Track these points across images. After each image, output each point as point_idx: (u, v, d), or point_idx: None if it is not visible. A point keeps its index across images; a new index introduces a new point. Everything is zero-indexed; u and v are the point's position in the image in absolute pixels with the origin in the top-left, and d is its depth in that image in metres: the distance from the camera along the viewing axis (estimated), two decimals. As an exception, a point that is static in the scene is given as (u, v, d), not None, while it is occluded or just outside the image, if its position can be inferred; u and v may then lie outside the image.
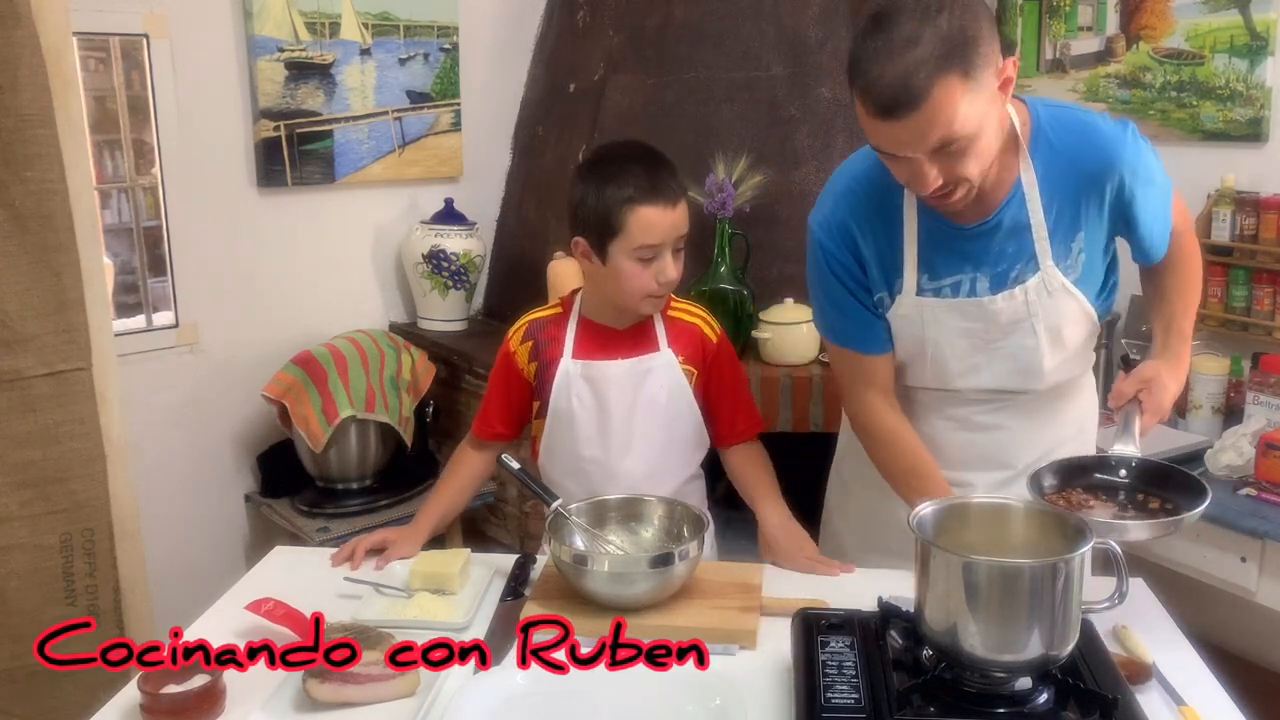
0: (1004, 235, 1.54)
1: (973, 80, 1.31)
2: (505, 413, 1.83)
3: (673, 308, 1.81)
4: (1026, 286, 1.55)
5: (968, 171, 1.39)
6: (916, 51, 1.29)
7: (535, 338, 1.80)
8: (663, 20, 3.03)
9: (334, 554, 1.73)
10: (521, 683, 1.33)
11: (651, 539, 1.62)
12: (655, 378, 1.75)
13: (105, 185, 3.02)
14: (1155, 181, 1.54)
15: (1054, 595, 1.16)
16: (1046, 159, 1.51)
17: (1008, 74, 1.38)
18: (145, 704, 1.27)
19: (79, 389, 2.04)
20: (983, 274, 1.56)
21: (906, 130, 1.34)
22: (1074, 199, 1.52)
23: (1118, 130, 1.52)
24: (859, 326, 1.65)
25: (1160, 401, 1.49)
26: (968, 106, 1.32)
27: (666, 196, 1.65)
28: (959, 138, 1.34)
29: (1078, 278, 1.56)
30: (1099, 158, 1.51)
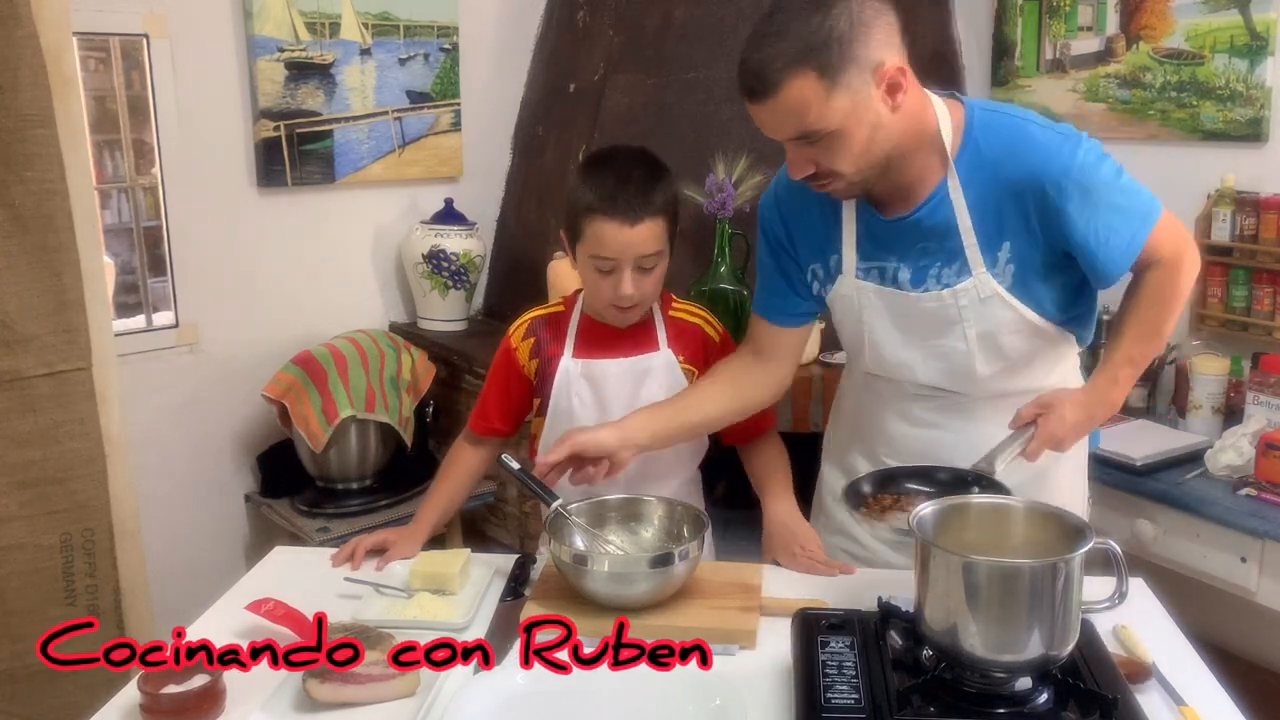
0: (923, 233, 1.55)
1: (831, 80, 1.38)
2: (504, 409, 1.83)
3: (674, 308, 1.81)
4: (956, 290, 1.55)
5: (836, 165, 1.45)
6: (778, 45, 1.38)
7: (537, 335, 1.80)
8: (663, 20, 3.03)
9: (334, 554, 1.73)
10: (521, 683, 1.33)
11: (651, 539, 1.62)
12: (654, 377, 1.75)
13: (105, 185, 3.02)
14: (1099, 200, 1.48)
15: (1054, 595, 1.16)
16: (972, 164, 1.51)
17: (892, 78, 1.41)
18: (145, 704, 1.27)
19: (79, 389, 2.04)
20: (904, 266, 1.58)
21: (764, 115, 1.44)
22: (997, 207, 1.51)
23: (1057, 142, 1.49)
24: (775, 294, 1.72)
25: (1052, 430, 1.48)
26: (825, 105, 1.39)
27: (625, 214, 1.60)
28: (816, 132, 1.41)
29: (1010, 286, 1.54)
30: (1023, 167, 1.48)
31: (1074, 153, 1.47)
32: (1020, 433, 1.50)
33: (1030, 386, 1.63)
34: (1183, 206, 2.71)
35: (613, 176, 1.63)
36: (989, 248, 1.53)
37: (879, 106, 1.42)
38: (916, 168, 1.52)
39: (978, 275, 1.54)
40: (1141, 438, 2.53)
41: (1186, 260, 1.54)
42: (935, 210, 1.53)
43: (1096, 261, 1.51)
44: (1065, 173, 1.46)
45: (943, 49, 3.25)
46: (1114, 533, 2.40)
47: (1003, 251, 1.53)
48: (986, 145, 1.51)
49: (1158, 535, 2.38)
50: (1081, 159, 1.47)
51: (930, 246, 1.56)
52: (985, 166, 1.51)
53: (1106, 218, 1.48)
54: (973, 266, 1.54)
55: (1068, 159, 1.47)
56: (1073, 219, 1.48)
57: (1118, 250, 1.50)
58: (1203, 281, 2.68)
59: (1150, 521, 2.38)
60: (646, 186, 1.63)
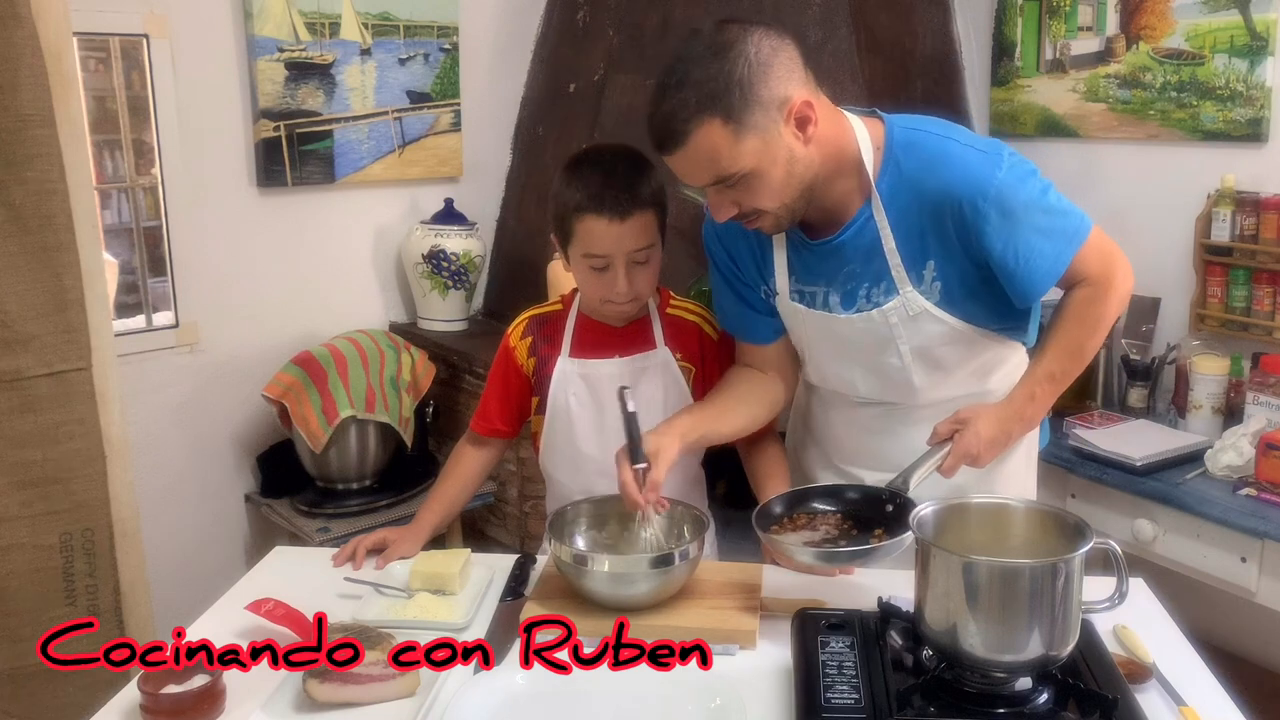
0: (850, 255, 1.55)
1: (737, 124, 1.38)
2: (504, 409, 1.83)
3: (672, 305, 1.81)
4: (885, 309, 1.55)
5: (758, 204, 1.47)
6: (680, 95, 1.39)
7: (534, 334, 1.80)
8: (663, 20, 3.03)
9: (335, 554, 1.73)
10: (521, 683, 1.33)
11: (652, 539, 1.62)
12: (651, 376, 1.75)
13: (105, 185, 3.02)
14: (1019, 220, 1.46)
15: (1054, 595, 1.16)
16: (893, 184, 1.51)
17: (800, 113, 1.42)
18: (145, 704, 1.27)
19: (79, 389, 2.04)
20: (834, 290, 1.59)
21: (678, 165, 1.45)
22: (919, 226, 1.51)
23: (976, 160, 1.47)
24: (735, 316, 1.74)
25: (967, 446, 1.48)
26: (735, 148, 1.40)
27: (614, 209, 1.61)
28: (730, 175, 1.43)
29: (938, 301, 1.54)
30: (941, 185, 1.47)
31: (993, 172, 1.45)
32: (937, 449, 1.50)
33: (972, 390, 1.64)
34: (1183, 206, 2.72)
35: (598, 174, 1.63)
36: (913, 266, 1.53)
37: (790, 141, 1.43)
38: (839, 192, 1.52)
39: (904, 293, 1.54)
40: (1141, 438, 2.53)
41: (1116, 280, 1.53)
42: (860, 233, 1.54)
43: (1016, 281, 1.50)
44: (982, 192, 1.45)
45: (943, 49, 3.25)
46: (1114, 533, 2.40)
47: (928, 270, 1.53)
48: (906, 164, 1.50)
49: (1158, 535, 2.38)
50: (1002, 178, 1.45)
51: (856, 269, 1.56)
52: (906, 186, 1.50)
53: (1027, 238, 1.47)
54: (899, 285, 1.54)
55: (985, 178, 1.45)
56: (990, 239, 1.47)
57: (1039, 271, 1.49)
58: (1203, 281, 2.69)
59: (1150, 521, 2.38)
60: (632, 180, 1.64)
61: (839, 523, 1.51)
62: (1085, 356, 1.59)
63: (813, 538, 1.48)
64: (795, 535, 1.49)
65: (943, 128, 1.54)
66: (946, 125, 1.55)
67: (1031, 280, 1.50)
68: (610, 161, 1.66)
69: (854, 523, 1.50)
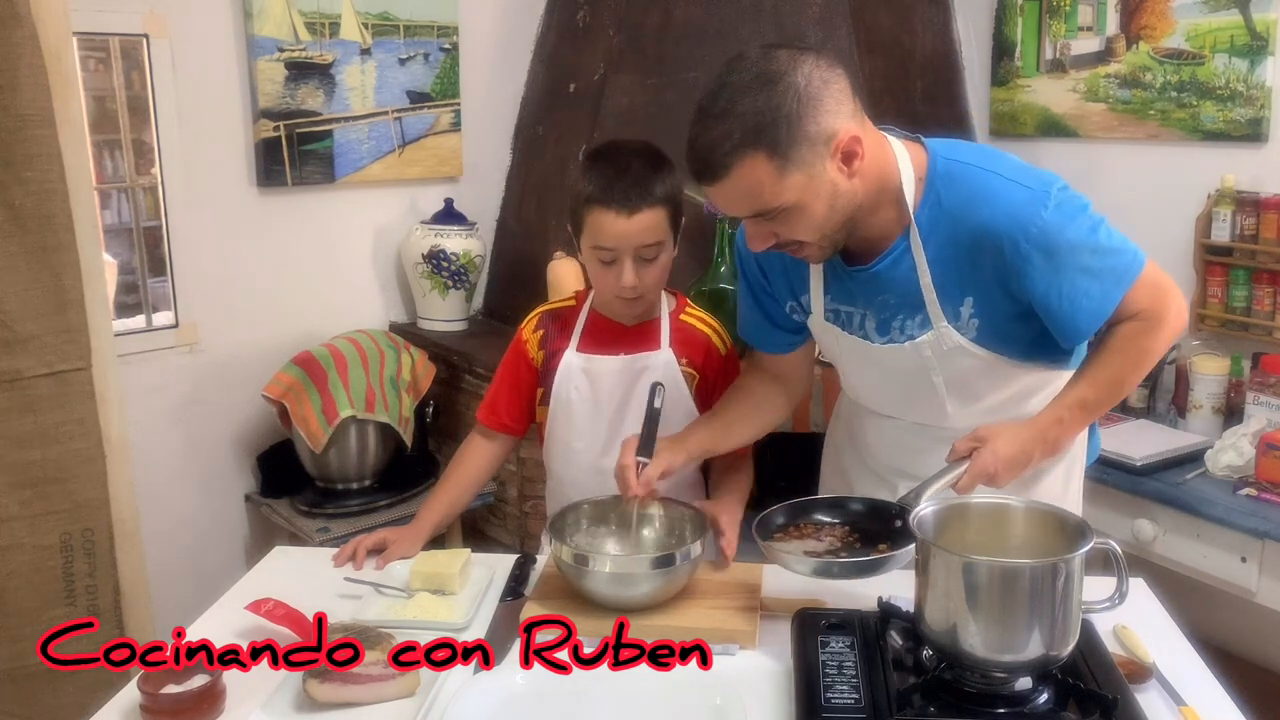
0: (885, 285, 1.51)
1: (783, 159, 1.34)
2: (513, 402, 1.83)
3: (687, 312, 1.82)
4: (918, 343, 1.52)
5: (797, 236, 1.43)
6: (724, 125, 1.34)
7: (547, 328, 1.82)
8: (663, 20, 3.03)
9: (335, 554, 1.73)
10: (521, 683, 1.33)
11: (653, 540, 1.62)
12: (651, 376, 1.75)
13: (105, 185, 3.02)
14: (1065, 262, 1.40)
15: (1054, 595, 1.16)
16: (933, 216, 1.45)
17: (847, 148, 1.37)
18: (145, 704, 1.27)
19: (79, 389, 2.04)
20: (870, 315, 1.56)
21: (717, 196, 1.41)
22: (956, 261, 1.45)
23: (1022, 198, 1.41)
24: (756, 328, 1.74)
25: (984, 465, 1.41)
26: (779, 184, 1.35)
27: (621, 203, 1.61)
28: (771, 209, 1.38)
29: (975, 337, 1.49)
30: (983, 222, 1.42)
31: (1037, 211, 1.39)
32: (953, 465, 1.43)
33: (1010, 415, 1.59)
34: (1183, 206, 2.72)
35: (612, 167, 1.64)
36: (950, 301, 1.48)
37: (835, 176, 1.38)
38: (879, 222, 1.48)
39: (939, 329, 1.50)
40: (1141, 438, 2.53)
41: (1169, 317, 1.47)
42: (896, 264, 1.49)
43: (1060, 322, 1.46)
44: (1025, 232, 1.39)
45: (943, 49, 3.25)
46: (1114, 533, 2.40)
47: (965, 306, 1.48)
48: (947, 197, 1.45)
49: (1158, 535, 2.37)
50: (1047, 218, 1.39)
51: (891, 300, 1.52)
52: (945, 220, 1.45)
53: (1073, 279, 1.41)
54: (934, 321, 1.50)
55: (1029, 217, 1.39)
56: (1034, 280, 1.41)
57: (1085, 312, 1.44)
58: (1203, 281, 2.69)
59: (1150, 521, 2.38)
60: (645, 177, 1.64)
61: (844, 535, 1.48)
62: (1124, 389, 1.53)
63: (816, 548, 1.45)
64: (797, 544, 1.46)
65: (988, 159, 1.47)
66: (993, 156, 1.48)
67: (1076, 322, 1.45)
68: (627, 156, 1.66)
69: (859, 535, 1.48)
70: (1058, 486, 1.67)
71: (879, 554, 1.39)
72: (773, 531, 1.48)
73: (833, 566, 1.40)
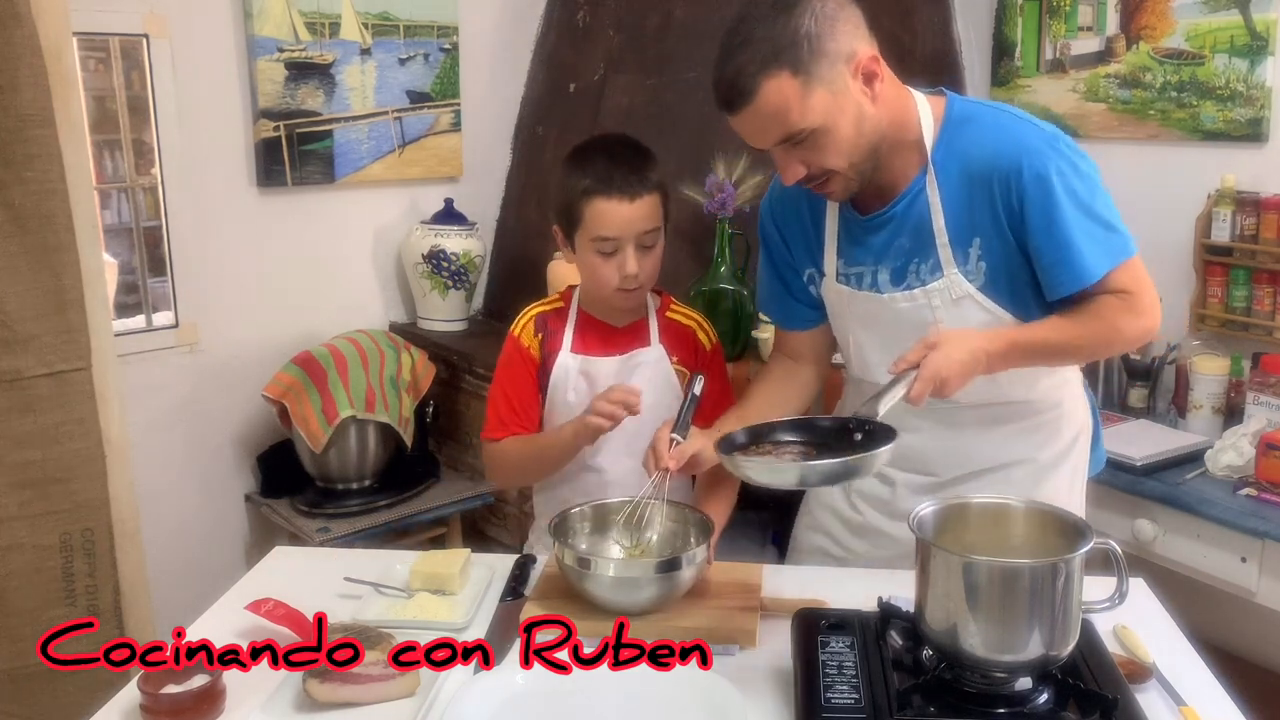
0: (900, 228, 1.54)
1: (806, 76, 1.38)
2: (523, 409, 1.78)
3: (671, 309, 1.83)
4: (929, 289, 1.54)
5: (828, 163, 1.45)
6: (747, 52, 1.39)
7: (543, 330, 1.81)
8: (663, 20, 3.03)
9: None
10: (521, 683, 1.33)
11: (656, 543, 1.62)
12: (643, 373, 1.76)
13: (105, 185, 3.02)
14: (1063, 207, 1.43)
15: (1054, 595, 1.16)
16: (946, 155, 1.50)
17: (867, 68, 1.43)
18: (145, 704, 1.27)
19: (79, 389, 2.04)
20: (883, 267, 1.58)
21: (746, 125, 1.44)
22: (968, 199, 1.49)
23: (1034, 133, 1.46)
24: (776, 300, 1.75)
25: (935, 368, 1.35)
26: (804, 103, 1.39)
27: (624, 190, 1.64)
28: (801, 131, 1.41)
29: (982, 284, 1.51)
30: (990, 152, 1.46)
31: (1044, 151, 1.44)
32: (904, 376, 1.38)
33: (1018, 398, 1.60)
34: (1183, 206, 2.72)
35: (604, 158, 1.66)
36: (960, 243, 1.51)
37: (859, 97, 1.43)
38: (898, 164, 1.52)
39: (949, 275, 1.52)
40: (1141, 438, 2.53)
41: (1148, 313, 1.48)
42: (911, 205, 1.53)
43: (1045, 267, 1.47)
44: (1031, 164, 1.43)
45: (943, 49, 3.24)
46: (1114, 533, 2.40)
47: (974, 248, 1.51)
48: (962, 135, 1.50)
49: (1158, 535, 2.37)
50: (1052, 161, 1.43)
51: (906, 244, 1.55)
52: (957, 156, 1.50)
53: (1066, 232, 1.43)
54: (944, 266, 1.52)
55: (1035, 152, 1.43)
56: (1030, 217, 1.45)
57: (1070, 268, 1.45)
58: (1203, 281, 2.69)
59: (1150, 521, 2.38)
60: (638, 164, 1.67)
61: (807, 454, 1.41)
62: (1079, 354, 1.55)
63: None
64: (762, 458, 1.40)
65: (1007, 107, 1.55)
66: (1013, 107, 1.54)
67: (1059, 273, 1.46)
68: (614, 146, 1.70)
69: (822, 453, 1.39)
70: (1060, 496, 1.66)
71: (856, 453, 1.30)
72: (734, 451, 1.41)
73: (811, 469, 1.33)
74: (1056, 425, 1.67)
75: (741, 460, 1.36)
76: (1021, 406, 1.63)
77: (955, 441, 1.62)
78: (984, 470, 1.64)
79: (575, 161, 1.70)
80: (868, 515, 1.73)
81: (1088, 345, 1.52)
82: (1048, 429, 1.66)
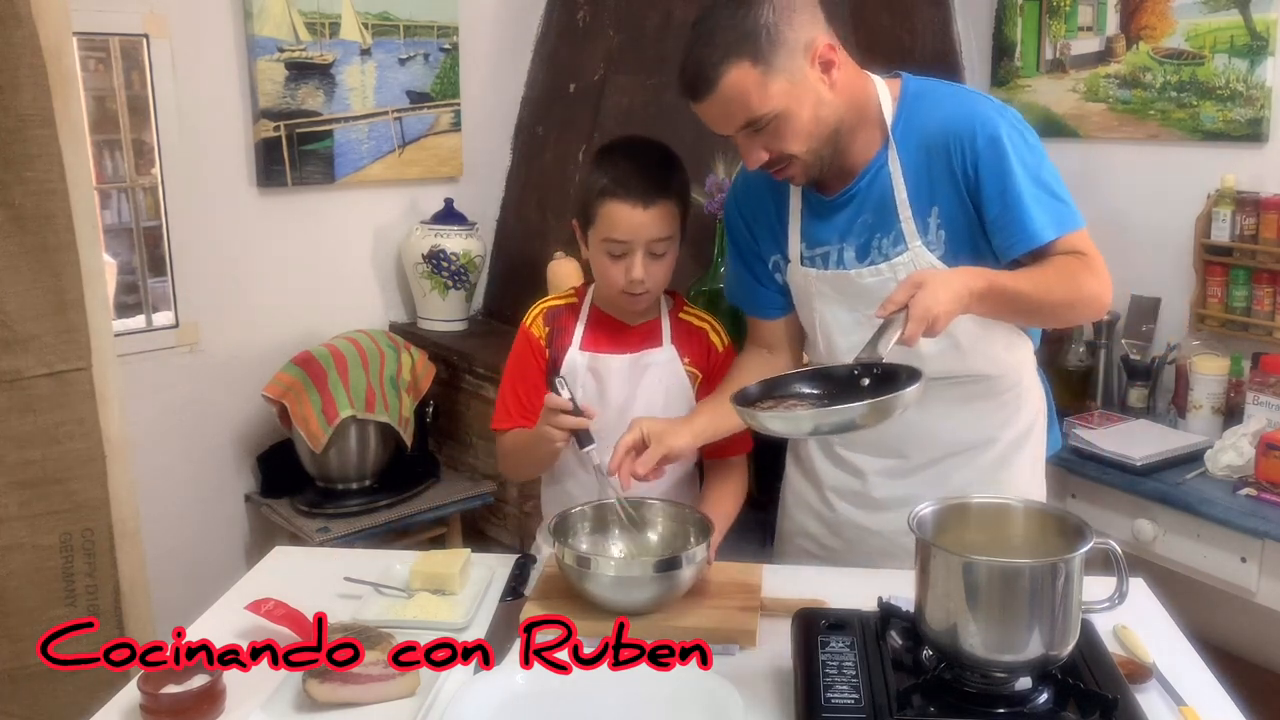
0: (863, 205, 1.59)
1: (766, 65, 1.45)
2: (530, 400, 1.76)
3: (685, 311, 1.83)
4: (894, 264, 1.57)
5: (788, 147, 1.51)
6: (710, 43, 1.46)
7: (552, 325, 1.81)
8: (663, 20, 3.03)
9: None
10: (521, 683, 1.33)
11: (656, 543, 1.62)
12: (654, 373, 1.76)
13: (105, 185, 3.02)
14: (1014, 170, 1.48)
15: (1054, 595, 1.16)
16: (904, 130, 1.56)
17: (824, 56, 1.49)
18: (145, 704, 1.27)
19: (79, 389, 2.04)
20: (848, 244, 1.62)
21: (710, 112, 1.51)
22: (927, 168, 1.54)
23: (985, 103, 1.55)
24: (743, 288, 1.78)
25: (926, 306, 1.33)
26: (764, 90, 1.46)
27: (640, 196, 1.64)
28: (761, 117, 1.48)
29: (943, 254, 1.55)
30: (945, 119, 1.53)
31: (994, 118, 1.51)
32: (893, 318, 1.35)
33: (981, 371, 1.65)
34: (1183, 206, 2.72)
35: (626, 160, 1.67)
36: (920, 212, 1.56)
37: (817, 85, 1.49)
38: (859, 144, 1.57)
39: (912, 248, 1.56)
40: (1141, 438, 2.53)
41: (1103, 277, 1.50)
42: (874, 180, 1.57)
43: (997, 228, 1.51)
44: (984, 129, 1.49)
45: (943, 49, 3.25)
46: (1114, 533, 2.40)
47: (933, 217, 1.56)
48: (918, 110, 1.57)
49: (1158, 535, 2.38)
50: (1001, 128, 1.49)
51: (869, 219, 1.59)
52: (915, 130, 1.56)
53: (1017, 195, 1.49)
54: (907, 238, 1.56)
55: (985, 119, 1.50)
56: (983, 180, 1.50)
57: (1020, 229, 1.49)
58: (1203, 281, 2.69)
59: (1150, 521, 2.38)
60: (660, 170, 1.67)
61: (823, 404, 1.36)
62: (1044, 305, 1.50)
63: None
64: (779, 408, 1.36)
65: (960, 85, 1.64)
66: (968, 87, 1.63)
67: (1011, 234, 1.50)
68: (641, 150, 1.71)
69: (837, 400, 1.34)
70: (1024, 475, 1.72)
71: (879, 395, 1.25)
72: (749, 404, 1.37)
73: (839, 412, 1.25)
74: (1018, 405, 1.71)
75: (759, 411, 1.32)
76: (984, 384, 1.66)
77: (922, 422, 1.62)
78: (952, 453, 1.68)
79: (600, 159, 1.71)
80: (840, 510, 1.75)
81: (1054, 298, 1.50)
82: (1009, 408, 1.70)
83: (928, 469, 1.69)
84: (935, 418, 1.64)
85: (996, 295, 1.44)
